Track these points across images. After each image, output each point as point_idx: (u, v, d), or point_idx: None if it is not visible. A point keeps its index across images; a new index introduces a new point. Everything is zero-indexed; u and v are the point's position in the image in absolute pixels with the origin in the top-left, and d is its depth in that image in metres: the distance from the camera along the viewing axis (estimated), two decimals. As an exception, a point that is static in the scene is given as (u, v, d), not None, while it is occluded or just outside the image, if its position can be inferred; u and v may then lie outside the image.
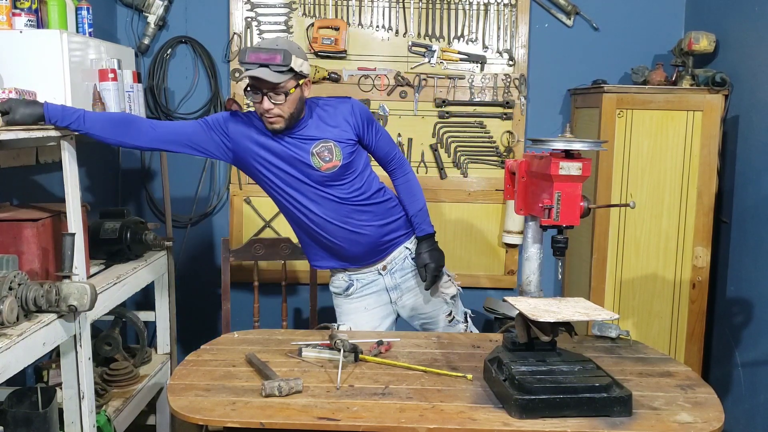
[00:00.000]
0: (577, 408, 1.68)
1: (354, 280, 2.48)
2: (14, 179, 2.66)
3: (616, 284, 3.14)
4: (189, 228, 3.68)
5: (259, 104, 2.18)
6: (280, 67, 2.11)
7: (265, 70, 2.11)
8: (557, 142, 1.74)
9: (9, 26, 2.32)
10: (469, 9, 3.50)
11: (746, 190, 2.93)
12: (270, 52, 2.11)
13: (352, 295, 2.50)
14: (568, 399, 1.69)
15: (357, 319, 2.49)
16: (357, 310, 2.50)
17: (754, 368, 2.80)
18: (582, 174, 1.72)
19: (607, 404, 1.69)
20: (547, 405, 1.68)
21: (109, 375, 2.73)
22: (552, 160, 1.73)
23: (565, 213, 1.74)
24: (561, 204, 1.73)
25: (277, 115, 2.19)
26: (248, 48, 2.14)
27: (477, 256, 3.62)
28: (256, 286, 2.85)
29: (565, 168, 1.71)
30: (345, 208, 2.34)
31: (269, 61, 2.11)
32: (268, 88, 2.14)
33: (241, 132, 2.30)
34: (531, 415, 1.67)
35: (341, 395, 1.81)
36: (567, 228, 1.79)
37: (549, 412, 1.68)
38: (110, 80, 2.64)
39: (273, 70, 2.11)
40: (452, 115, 3.54)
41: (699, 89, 3.05)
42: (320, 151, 2.28)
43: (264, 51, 2.11)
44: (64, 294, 1.99)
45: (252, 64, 2.12)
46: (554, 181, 1.73)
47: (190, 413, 1.71)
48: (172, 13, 3.54)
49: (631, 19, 3.50)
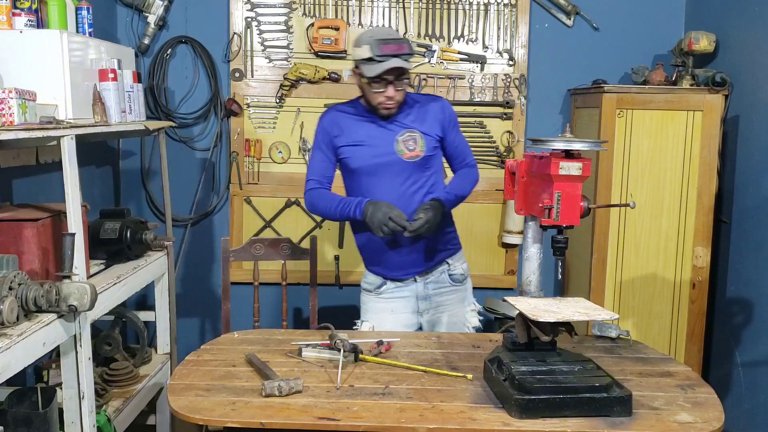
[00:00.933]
0: (577, 408, 1.68)
1: (388, 279, 2.49)
2: (14, 179, 2.66)
3: (616, 284, 3.14)
4: (189, 228, 3.68)
5: (382, 93, 2.29)
6: (407, 55, 2.25)
7: (398, 60, 2.22)
8: (557, 142, 1.73)
9: (9, 26, 2.32)
10: (469, 9, 3.50)
11: (746, 190, 2.93)
12: (398, 43, 2.24)
13: (383, 294, 2.50)
14: (568, 399, 1.69)
15: (381, 320, 2.49)
16: (383, 310, 2.50)
17: (754, 368, 2.80)
18: (582, 174, 1.73)
19: (607, 404, 1.69)
20: (547, 405, 1.68)
21: (109, 375, 2.73)
22: (552, 160, 1.72)
23: (565, 213, 1.74)
24: (561, 204, 1.73)
25: (396, 101, 2.32)
26: (376, 41, 2.23)
27: (477, 256, 3.61)
28: (256, 286, 2.85)
29: (565, 168, 1.71)
30: (413, 203, 2.36)
31: (399, 51, 2.23)
32: (396, 75, 2.25)
33: (338, 130, 2.41)
34: (531, 415, 1.67)
35: (341, 395, 1.81)
36: (567, 228, 1.79)
37: (549, 412, 1.68)
38: (110, 80, 2.64)
39: (403, 58, 2.24)
40: (452, 115, 3.54)
41: (699, 89, 3.05)
42: (406, 140, 2.37)
43: (393, 41, 2.23)
44: (64, 294, 1.99)
45: (386, 56, 2.21)
46: (554, 181, 1.73)
47: (190, 413, 1.71)
48: (172, 13, 3.54)
49: (631, 19, 3.50)
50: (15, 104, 2.02)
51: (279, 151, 3.58)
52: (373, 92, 2.30)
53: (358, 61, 2.30)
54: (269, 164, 3.59)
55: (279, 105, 3.55)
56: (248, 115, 3.56)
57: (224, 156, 3.62)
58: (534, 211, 1.89)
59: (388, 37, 2.24)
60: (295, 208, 3.62)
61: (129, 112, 2.80)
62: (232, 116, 3.57)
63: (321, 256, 3.41)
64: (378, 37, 2.24)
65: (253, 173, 3.59)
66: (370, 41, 2.24)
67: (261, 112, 3.56)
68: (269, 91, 3.55)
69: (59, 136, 2.14)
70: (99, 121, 2.52)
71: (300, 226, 3.63)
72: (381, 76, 2.25)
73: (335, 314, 3.66)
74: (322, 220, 3.61)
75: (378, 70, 2.23)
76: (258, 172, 3.59)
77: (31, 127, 2.03)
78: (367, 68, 2.26)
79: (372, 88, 2.29)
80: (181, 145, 3.61)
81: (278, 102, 3.54)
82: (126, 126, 2.75)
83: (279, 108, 3.55)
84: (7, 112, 2.01)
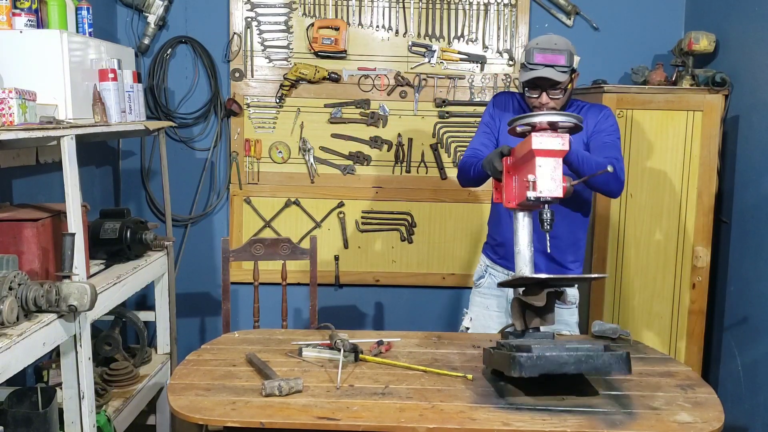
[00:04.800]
0: (576, 364, 1.72)
1: (489, 273, 2.51)
2: (14, 179, 2.66)
3: (616, 284, 3.14)
4: (189, 228, 3.68)
5: (536, 98, 2.31)
6: (563, 67, 2.25)
7: (551, 70, 2.23)
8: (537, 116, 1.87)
9: (9, 26, 2.32)
10: (469, 9, 3.50)
11: (746, 190, 2.93)
12: (556, 53, 2.24)
13: (481, 287, 2.54)
14: (566, 356, 1.72)
15: (478, 314, 2.53)
16: (480, 305, 2.54)
17: (754, 368, 2.80)
18: (562, 148, 1.80)
19: (606, 361, 1.73)
20: (547, 361, 1.71)
21: (109, 375, 2.73)
22: (533, 136, 1.81)
23: (548, 184, 1.80)
24: (543, 177, 1.80)
25: (551, 107, 2.32)
26: (534, 48, 2.25)
27: (477, 256, 3.60)
28: (256, 286, 2.85)
29: (545, 142, 1.79)
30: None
31: (554, 62, 2.24)
32: (550, 85, 2.27)
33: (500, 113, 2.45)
34: (531, 371, 1.69)
35: (341, 395, 1.81)
36: (551, 201, 1.83)
37: (549, 367, 1.70)
38: (110, 80, 2.64)
39: (557, 70, 2.24)
40: (452, 115, 3.54)
41: (699, 89, 3.05)
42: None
43: (550, 52, 2.24)
44: (64, 294, 1.99)
45: (538, 65, 2.23)
46: (536, 156, 1.80)
47: (190, 413, 1.71)
48: (172, 13, 3.54)
49: (631, 19, 3.50)
50: (15, 104, 2.02)
51: (279, 151, 3.58)
52: (528, 96, 2.33)
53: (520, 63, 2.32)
54: (269, 164, 3.59)
55: (279, 105, 3.55)
56: (248, 115, 3.56)
57: (224, 156, 3.62)
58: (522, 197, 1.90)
59: (546, 46, 2.25)
60: (294, 208, 3.62)
61: (129, 112, 2.80)
62: (232, 116, 3.57)
63: (321, 256, 3.41)
64: (537, 45, 2.27)
65: (252, 173, 3.60)
66: (531, 47, 2.28)
67: (261, 112, 3.56)
68: (269, 91, 3.55)
69: (59, 136, 2.14)
70: (99, 121, 2.52)
71: (300, 226, 3.63)
72: (530, 84, 2.28)
73: (335, 314, 3.66)
74: (322, 220, 3.61)
75: (526, 77, 2.27)
76: (258, 172, 3.59)
77: (31, 127, 2.04)
78: (522, 73, 2.31)
79: (526, 92, 2.33)
80: (181, 145, 3.61)
81: (278, 102, 3.54)
82: (126, 126, 2.75)
83: (279, 108, 3.55)
84: (7, 112, 2.01)
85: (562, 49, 2.25)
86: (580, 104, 2.45)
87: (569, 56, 2.26)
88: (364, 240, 3.63)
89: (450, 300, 3.69)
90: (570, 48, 2.28)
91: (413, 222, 3.62)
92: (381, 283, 3.66)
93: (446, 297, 3.69)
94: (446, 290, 3.69)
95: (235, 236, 3.60)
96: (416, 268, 3.65)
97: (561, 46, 2.26)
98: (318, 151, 3.58)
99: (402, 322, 3.69)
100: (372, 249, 3.64)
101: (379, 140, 3.56)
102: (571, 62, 2.27)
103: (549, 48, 2.25)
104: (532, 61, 2.25)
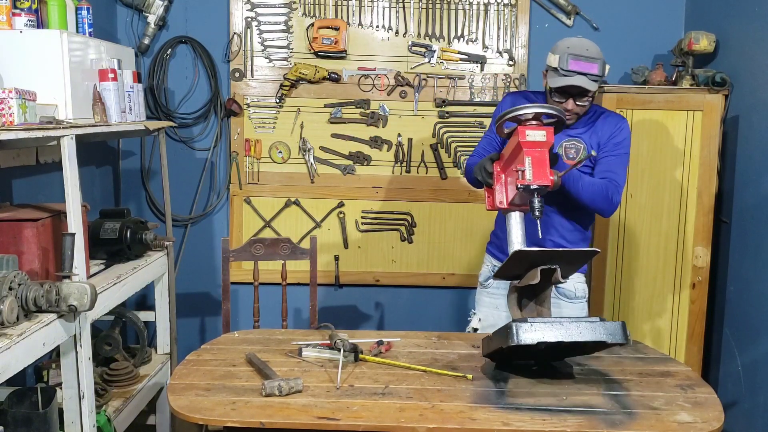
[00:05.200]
0: (572, 330, 1.76)
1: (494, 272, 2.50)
2: (14, 179, 2.66)
3: (616, 284, 3.14)
4: (189, 228, 3.68)
5: (563, 104, 2.26)
6: (595, 76, 2.21)
7: (584, 78, 2.19)
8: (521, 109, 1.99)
9: (9, 26, 2.32)
10: (469, 9, 3.50)
11: (746, 190, 2.93)
12: (590, 61, 2.20)
13: (489, 287, 2.51)
14: (565, 321, 1.79)
15: (487, 314, 2.52)
16: (489, 305, 2.52)
17: (754, 368, 2.80)
18: (546, 140, 1.95)
19: (602, 327, 1.78)
20: (545, 325, 1.76)
21: (109, 375, 2.73)
22: (519, 129, 1.96)
23: (536, 173, 1.92)
24: (532, 166, 1.93)
25: (575, 114, 2.30)
26: (568, 54, 2.20)
27: (477, 256, 3.61)
28: (256, 286, 2.85)
29: (531, 135, 1.94)
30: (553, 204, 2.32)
31: (588, 70, 2.19)
32: (579, 93, 2.23)
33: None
34: (529, 336, 1.73)
35: (341, 395, 1.81)
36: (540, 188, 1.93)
37: (546, 333, 1.75)
38: (110, 80, 2.64)
39: (590, 78, 2.20)
40: (452, 115, 3.54)
41: (699, 89, 3.05)
42: (569, 147, 2.36)
43: (584, 59, 2.19)
44: (64, 294, 1.99)
45: (572, 71, 2.19)
46: (524, 148, 1.94)
47: (190, 413, 1.71)
48: (172, 13, 3.54)
49: (631, 19, 3.50)
50: (15, 104, 2.02)
51: (279, 151, 3.58)
52: (553, 100, 2.29)
53: (548, 65, 2.29)
54: (269, 164, 3.59)
55: (279, 105, 3.55)
56: (248, 115, 3.56)
57: (224, 156, 3.62)
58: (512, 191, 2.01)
59: (581, 53, 2.20)
60: (294, 208, 3.62)
61: (129, 112, 2.80)
62: (232, 116, 3.57)
63: (321, 256, 3.41)
64: (572, 51, 2.21)
65: (253, 173, 3.60)
66: (564, 52, 2.22)
67: (261, 112, 3.56)
68: (269, 91, 3.55)
69: (59, 136, 2.14)
70: (99, 121, 2.52)
71: (300, 226, 3.63)
72: (559, 90, 2.24)
73: (335, 314, 3.66)
74: (322, 220, 3.61)
75: (559, 83, 2.22)
76: (258, 172, 3.59)
77: (31, 127, 2.04)
78: (552, 77, 2.26)
79: (552, 96, 2.28)
80: (181, 145, 3.61)
81: (278, 102, 3.54)
82: (126, 126, 2.75)
83: (279, 108, 3.55)
84: (7, 112, 2.01)
85: (595, 57, 2.21)
86: (599, 110, 2.42)
87: (602, 65, 2.22)
88: (364, 240, 3.64)
89: (450, 300, 3.69)
90: (602, 56, 2.23)
91: (413, 222, 3.62)
92: (381, 283, 3.66)
93: (446, 297, 3.69)
94: (446, 290, 3.69)
95: (235, 236, 3.60)
96: (416, 268, 3.65)
97: (594, 54, 2.22)
98: (318, 151, 3.58)
99: (402, 322, 3.70)
100: (372, 249, 3.64)
101: (379, 140, 3.56)
102: (603, 72, 2.23)
103: (583, 55, 2.20)
104: (566, 68, 2.19)
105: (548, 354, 1.98)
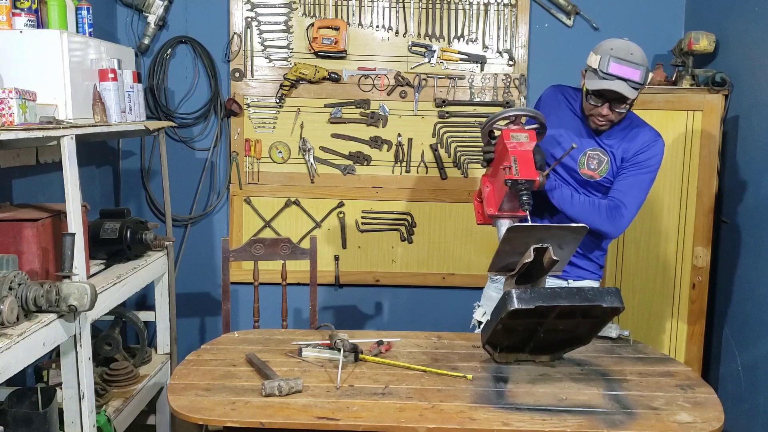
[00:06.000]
0: (568, 297, 1.79)
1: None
2: (14, 179, 2.66)
3: (616, 284, 3.14)
4: (189, 228, 3.68)
5: (598, 108, 2.17)
6: (636, 84, 2.10)
7: (624, 84, 2.09)
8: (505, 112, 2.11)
9: (9, 26, 2.32)
10: (469, 9, 3.50)
11: (746, 190, 2.93)
12: (632, 67, 2.08)
13: (497, 281, 2.48)
14: (559, 290, 1.82)
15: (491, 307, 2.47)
16: (495, 299, 2.47)
17: (754, 368, 2.80)
18: (529, 141, 2.05)
19: (598, 294, 1.82)
20: (541, 295, 1.79)
21: (109, 375, 2.73)
22: (504, 131, 2.08)
23: (522, 169, 1.99)
24: (518, 163, 2.01)
25: (610, 121, 2.20)
26: (611, 56, 2.09)
27: (477, 256, 3.62)
28: (256, 286, 2.85)
29: (515, 136, 2.06)
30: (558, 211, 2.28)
31: (629, 76, 2.08)
32: (617, 99, 2.13)
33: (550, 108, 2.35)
34: (526, 303, 1.76)
35: (341, 395, 1.81)
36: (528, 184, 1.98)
37: (543, 301, 1.77)
38: (110, 80, 2.64)
39: (630, 85, 2.09)
40: (452, 115, 3.54)
41: (699, 89, 3.05)
42: (592, 156, 2.27)
43: (627, 63, 2.08)
44: (64, 294, 1.99)
45: (612, 75, 2.09)
46: (508, 147, 2.03)
47: (190, 413, 1.71)
48: (172, 13, 3.54)
49: (631, 19, 3.49)
50: (15, 104, 2.02)
51: (279, 151, 3.58)
52: (589, 103, 2.20)
53: (588, 65, 2.19)
54: (269, 164, 3.59)
55: (279, 105, 3.55)
56: (248, 115, 3.56)
57: (224, 156, 3.62)
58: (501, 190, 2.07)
59: (624, 57, 2.09)
60: (294, 208, 3.62)
61: (129, 112, 2.80)
62: (232, 116, 3.57)
63: (321, 256, 3.41)
64: (615, 53, 2.10)
65: (252, 173, 3.60)
66: (606, 53, 2.11)
67: (261, 112, 3.56)
68: (269, 91, 3.55)
69: (59, 136, 2.14)
70: (99, 121, 2.52)
71: (300, 226, 3.63)
72: (597, 92, 2.15)
73: (335, 314, 3.66)
74: (322, 220, 3.61)
75: (597, 86, 2.12)
76: (258, 172, 3.59)
77: (31, 127, 2.04)
78: (590, 79, 2.16)
79: (588, 99, 2.19)
80: (181, 145, 3.61)
81: (278, 102, 3.54)
82: (126, 126, 2.75)
83: (279, 108, 3.55)
84: (7, 112, 2.01)
85: (640, 63, 2.09)
86: (637, 121, 2.30)
87: (645, 72, 2.10)
88: (364, 240, 3.63)
89: (450, 300, 3.69)
90: (646, 62, 2.12)
91: (413, 222, 3.62)
92: (381, 283, 3.66)
93: (446, 297, 3.69)
94: (446, 290, 3.68)
95: (235, 236, 3.60)
96: (416, 268, 3.65)
97: (638, 60, 2.10)
98: (318, 151, 3.58)
99: (402, 322, 3.70)
100: (372, 249, 3.64)
101: (379, 140, 3.56)
102: (645, 80, 2.11)
103: (626, 59, 2.09)
104: (606, 70, 2.08)
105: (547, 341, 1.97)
